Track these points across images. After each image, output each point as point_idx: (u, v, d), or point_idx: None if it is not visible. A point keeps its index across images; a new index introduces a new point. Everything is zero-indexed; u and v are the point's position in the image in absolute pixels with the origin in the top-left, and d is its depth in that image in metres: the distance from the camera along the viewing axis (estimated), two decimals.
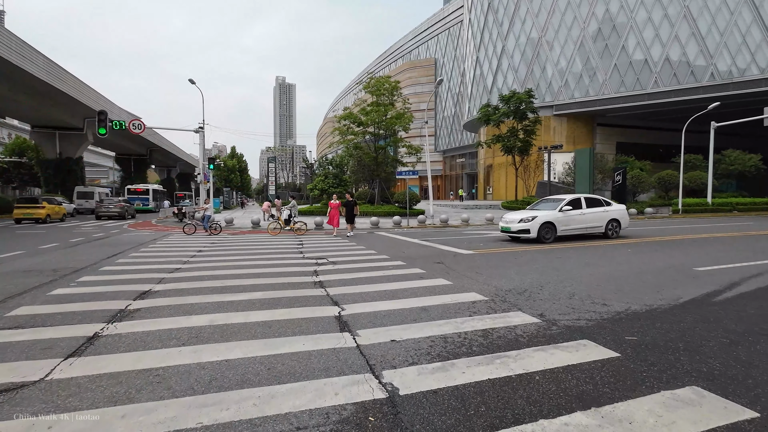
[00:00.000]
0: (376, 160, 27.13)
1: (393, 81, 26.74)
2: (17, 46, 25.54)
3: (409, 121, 26.72)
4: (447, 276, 7.15)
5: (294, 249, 11.42)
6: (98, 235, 15.46)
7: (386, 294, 5.86)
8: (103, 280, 6.79)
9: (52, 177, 39.91)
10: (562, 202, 12.42)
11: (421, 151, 27.61)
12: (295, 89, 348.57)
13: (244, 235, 15.84)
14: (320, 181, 26.95)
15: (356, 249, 11.41)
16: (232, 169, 56.90)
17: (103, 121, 21.69)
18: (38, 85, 29.12)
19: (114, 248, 11.36)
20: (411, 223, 20.33)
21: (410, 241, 13.35)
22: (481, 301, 5.44)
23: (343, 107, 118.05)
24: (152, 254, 10.24)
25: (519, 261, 8.82)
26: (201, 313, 4.88)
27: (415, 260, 9.03)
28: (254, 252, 10.80)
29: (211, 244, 12.68)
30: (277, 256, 10.03)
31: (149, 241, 13.54)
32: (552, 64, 40.69)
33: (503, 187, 45.41)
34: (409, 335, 4.10)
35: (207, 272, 7.60)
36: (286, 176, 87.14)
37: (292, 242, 13.14)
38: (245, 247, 11.99)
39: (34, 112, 34.96)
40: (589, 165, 23.17)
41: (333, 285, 6.49)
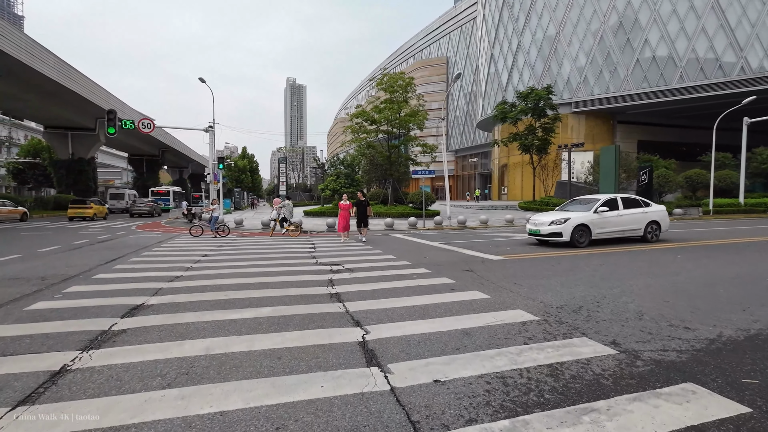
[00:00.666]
0: (390, 160, 26.23)
1: (407, 77, 25.84)
2: (27, 45, 25.33)
3: (424, 118, 25.76)
4: (482, 287, 6.23)
5: (306, 253, 10.60)
6: (103, 237, 14.88)
7: (415, 311, 4.97)
8: (92, 290, 6.02)
9: (65, 177, 39.96)
10: (596, 203, 11.37)
11: (436, 150, 26.66)
12: (305, 90, 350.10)
13: (253, 238, 15.10)
14: (332, 181, 26.17)
15: (373, 254, 10.54)
16: (243, 170, 56.61)
17: (112, 120, 21.29)
18: (49, 84, 28.95)
19: (115, 252, 10.69)
20: (427, 224, 19.39)
21: (430, 244, 12.43)
22: (533, 322, 4.50)
23: (354, 106, 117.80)
24: (153, 259, 9.51)
25: (558, 269, 7.83)
26: (197, 336, 4.04)
27: (440, 267, 8.12)
28: (263, 257, 10.00)
29: (217, 247, 11.94)
30: (287, 261, 9.21)
31: (154, 243, 12.87)
32: (570, 59, 39.31)
33: (519, 187, 44.14)
34: (455, 373, 3.20)
35: (209, 281, 6.80)
36: (296, 177, 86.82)
37: (304, 246, 12.33)
38: (253, 251, 11.21)
39: (46, 113, 34.94)
40: (614, 163, 21.92)
41: (352, 298, 5.62)
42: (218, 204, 15.01)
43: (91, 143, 40.84)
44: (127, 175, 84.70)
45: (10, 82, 27.29)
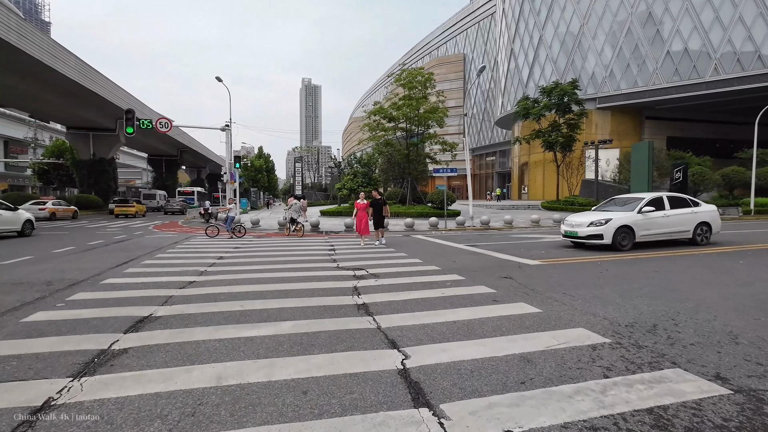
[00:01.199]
0: (408, 158, 25.50)
1: (426, 72, 25.06)
2: (48, 46, 25.57)
3: (444, 115, 24.93)
4: (528, 298, 5.48)
5: (325, 256, 10.00)
6: (119, 238, 14.63)
7: (458, 328, 4.27)
8: (98, 298, 5.52)
9: (86, 177, 40.61)
10: (640, 202, 10.42)
11: (456, 147, 25.83)
12: (320, 90, 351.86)
13: (269, 238, 14.62)
14: (349, 180, 25.61)
15: (397, 257, 9.87)
16: (259, 169, 56.71)
17: (130, 119, 21.24)
18: (70, 85, 29.26)
19: (128, 253, 10.30)
20: (449, 224, 18.61)
21: (456, 246, 11.68)
22: (604, 346, 3.75)
23: (370, 105, 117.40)
24: (166, 262, 9.05)
25: (607, 276, 7.00)
26: (207, 359, 3.43)
27: (474, 273, 7.38)
28: (281, 260, 9.44)
29: (234, 249, 11.46)
30: (307, 265, 8.61)
31: (169, 245, 12.49)
32: (595, 53, 37.79)
33: (540, 186, 42.80)
34: (530, 420, 2.49)
35: (224, 288, 6.24)
36: (312, 176, 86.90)
37: (323, 247, 11.75)
38: (271, 253, 10.68)
39: (68, 114, 35.48)
40: (648, 160, 20.65)
41: (382, 310, 4.95)
42: (235, 204, 14.57)
43: (112, 143, 41.41)
44: (147, 175, 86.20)
45: (33, 83, 27.67)
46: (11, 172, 58.03)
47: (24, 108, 37.33)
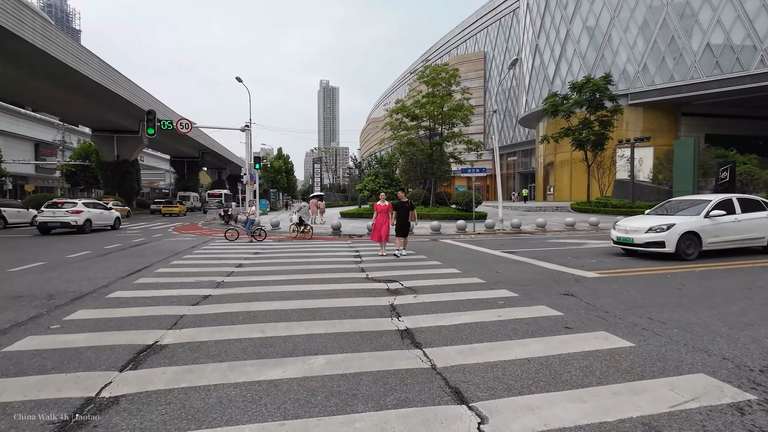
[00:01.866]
0: (431, 158, 24.50)
1: (451, 69, 24.04)
2: (73, 49, 25.73)
3: (470, 113, 23.84)
4: (606, 325, 4.47)
5: (352, 263, 9.16)
6: (137, 241, 14.19)
7: (537, 371, 3.32)
8: (99, 318, 4.80)
9: (110, 178, 41.22)
10: (707, 205, 9.18)
11: (482, 147, 24.70)
12: (338, 92, 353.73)
13: (290, 243, 13.90)
14: (370, 181, 24.80)
15: (430, 266, 8.93)
16: (278, 170, 56.67)
17: (151, 120, 21.01)
18: (94, 87, 29.54)
19: (143, 260, 9.71)
20: (477, 227, 17.52)
21: (492, 253, 10.66)
22: (752, 405, 2.74)
23: (388, 104, 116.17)
24: (181, 270, 8.38)
25: (689, 293, 5.90)
26: (218, 420, 2.59)
27: (526, 288, 6.38)
28: (304, 268, 8.64)
29: (253, 254, 10.75)
30: (333, 275, 7.78)
31: (186, 249, 11.91)
32: (627, 47, 35.89)
33: (567, 186, 41.04)
34: None
35: (242, 306, 5.44)
36: (330, 177, 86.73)
37: (348, 253, 10.92)
38: (293, 259, 9.91)
39: (93, 116, 35.97)
40: (693, 159, 19.07)
41: (431, 340, 4.04)
42: (255, 206, 13.93)
43: (135, 145, 41.92)
44: (170, 176, 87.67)
45: (58, 85, 27.99)
46: (41, 174, 59.81)
47: (51, 110, 38.09)
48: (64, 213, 16.81)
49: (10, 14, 20.07)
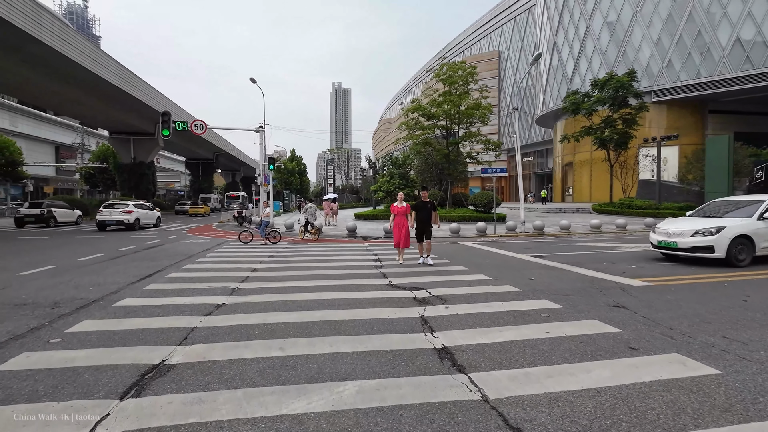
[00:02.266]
0: (448, 158, 23.87)
1: (468, 66, 23.40)
2: (91, 52, 25.92)
3: (488, 111, 23.15)
4: (675, 344, 3.85)
5: (372, 268, 8.65)
6: (151, 243, 13.96)
7: (614, 406, 2.74)
8: (103, 330, 4.39)
9: (127, 180, 41.65)
10: (760, 206, 8.39)
11: (500, 146, 23.99)
12: (350, 94, 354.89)
13: (306, 245, 13.48)
14: (385, 182, 24.29)
15: (456, 272, 8.37)
16: (291, 172, 56.65)
17: (166, 122, 20.95)
18: (111, 89, 29.76)
19: (155, 264, 9.37)
20: (497, 230, 16.84)
21: (519, 258, 10.03)
22: None
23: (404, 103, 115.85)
24: (194, 275, 7.99)
25: (759, 306, 5.21)
26: None
27: (569, 298, 5.77)
28: (323, 273, 8.18)
29: (268, 258, 10.35)
30: (354, 282, 7.30)
31: (199, 252, 11.59)
32: (650, 42, 34.64)
33: (586, 187, 39.87)
34: None
35: (259, 317, 4.98)
36: (343, 179, 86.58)
37: (366, 256, 10.43)
38: (310, 263, 9.46)
39: (110, 118, 36.35)
40: (727, 157, 18.03)
41: (476, 362, 3.49)
42: (269, 207, 13.56)
43: (151, 147, 42.28)
44: (185, 178, 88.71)
45: (75, 87, 28.26)
46: (61, 176, 61.06)
47: (70, 113, 38.67)
48: (119, 212, 19.73)
49: (29, 17, 20.22)
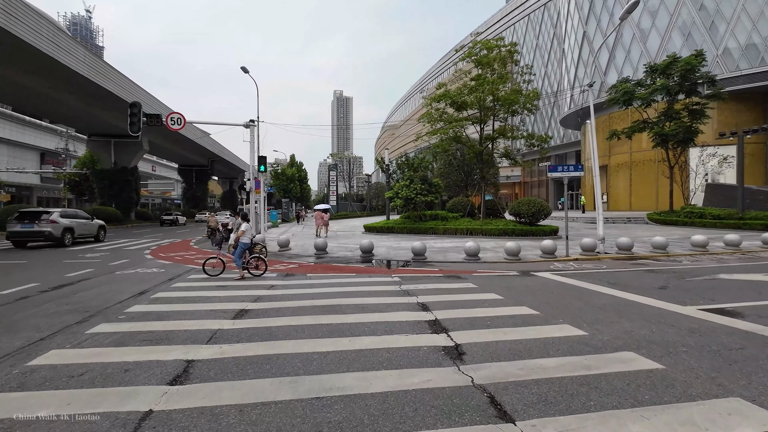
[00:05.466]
0: (481, 157, 19.38)
1: (508, 43, 19.08)
2: (50, 34, 21.71)
3: (536, 98, 18.74)
4: None
5: (430, 347, 4.06)
6: (72, 276, 9.43)
7: None
8: None
9: (107, 188, 37.34)
10: None
11: (548, 142, 19.55)
12: (352, 102, 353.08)
13: (306, 278, 8.93)
14: (403, 187, 19.79)
15: (575, 340, 3.72)
16: (291, 178, 52.26)
17: (135, 115, 16.71)
18: (82, 82, 25.64)
19: (46, 323, 4.83)
20: (570, 250, 12.23)
21: (684, 314, 5.45)
22: None
23: (404, 114, 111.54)
24: (75, 371, 3.41)
25: None
26: None
27: None
28: (338, 356, 3.59)
29: (236, 317, 5.79)
30: (409, 386, 2.67)
31: (135, 295, 7.06)
32: (701, 27, 30.32)
33: (624, 193, 35.29)
34: None
35: None
36: (346, 186, 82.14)
37: (398, 300, 5.86)
38: (311, 329, 4.90)
39: (86, 117, 32.11)
40: None
41: None
42: (247, 222, 9.00)
43: (134, 151, 38.09)
44: (180, 186, 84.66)
45: (42, 78, 24.10)
46: (47, 184, 56.87)
47: (39, 109, 34.44)
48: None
49: None
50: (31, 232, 15.51)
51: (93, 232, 18.47)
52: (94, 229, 18.55)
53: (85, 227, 17.87)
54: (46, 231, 15.45)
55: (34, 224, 15.49)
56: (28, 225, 15.52)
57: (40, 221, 15.56)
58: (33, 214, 16.04)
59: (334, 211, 50.17)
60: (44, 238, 15.57)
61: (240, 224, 9.00)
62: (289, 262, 11.59)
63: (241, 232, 8.66)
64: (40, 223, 15.52)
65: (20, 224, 15.58)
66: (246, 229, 8.72)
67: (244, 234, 8.69)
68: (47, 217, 15.75)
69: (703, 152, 24.10)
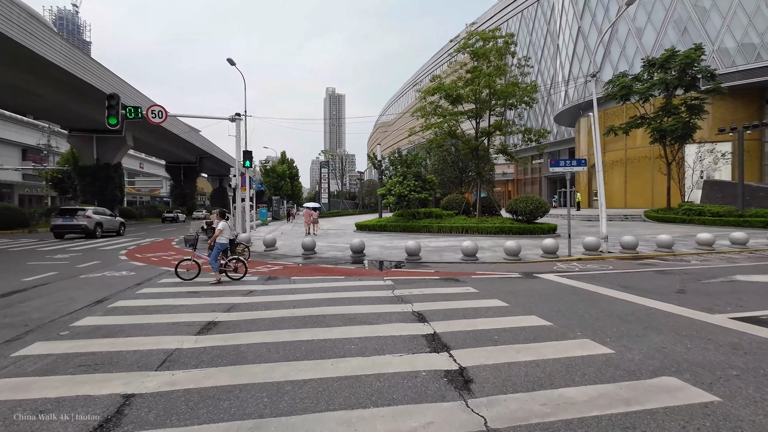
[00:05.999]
0: (477, 153, 18.68)
1: (506, 33, 18.39)
2: (22, 21, 20.49)
3: (534, 90, 18.07)
4: None
5: (417, 354, 3.30)
6: (50, 276, 8.51)
7: None
8: None
9: (90, 185, 35.96)
10: None
11: (546, 136, 18.94)
12: (344, 99, 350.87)
13: (291, 282, 8.13)
14: (396, 184, 19.02)
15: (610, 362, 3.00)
16: (282, 176, 51.14)
17: (113, 107, 15.85)
18: (60, 74, 24.43)
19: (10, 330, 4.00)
20: (572, 249, 11.57)
21: (713, 323, 4.77)
22: None
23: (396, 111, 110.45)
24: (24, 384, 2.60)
25: None
26: None
27: None
28: (326, 383, 2.80)
29: (205, 329, 4.98)
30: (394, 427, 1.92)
31: (101, 299, 6.23)
32: (696, 22, 29.97)
33: (619, 190, 34.96)
34: None
35: None
36: (338, 184, 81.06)
37: (391, 309, 5.11)
38: (291, 343, 4.11)
39: (66, 111, 30.74)
40: None
41: None
42: (229, 221, 8.16)
43: (118, 147, 36.73)
44: (168, 184, 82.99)
45: (18, 69, 22.83)
46: (30, 181, 55.02)
47: (18, 105, 32.94)
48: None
49: None
50: (70, 225, 18.26)
51: (116, 227, 20.98)
52: (116, 224, 21.10)
53: (110, 222, 20.55)
54: (82, 224, 18.24)
55: (73, 219, 18.40)
56: (68, 219, 18.41)
57: (77, 216, 18.47)
58: (72, 210, 19.03)
59: (325, 209, 49.17)
60: (81, 231, 18.25)
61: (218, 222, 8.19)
62: (273, 264, 10.77)
63: (218, 231, 7.81)
64: (78, 217, 18.42)
65: (62, 218, 18.39)
66: (223, 228, 7.88)
67: (221, 233, 7.85)
68: (83, 213, 18.77)
69: (701, 148, 23.70)
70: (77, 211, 18.91)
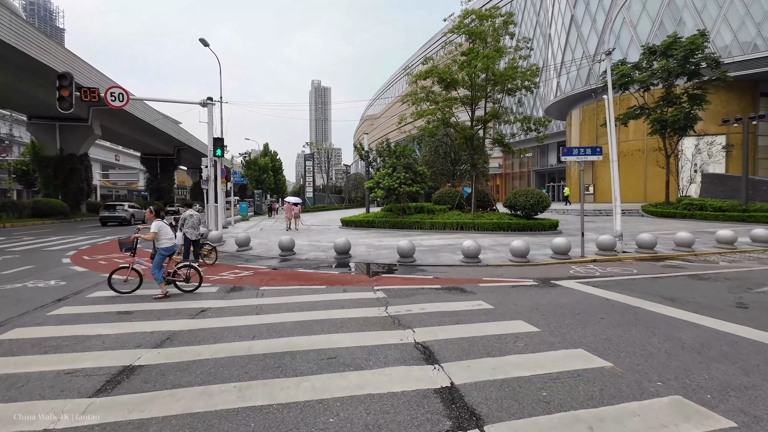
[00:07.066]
0: (472, 143, 17.26)
1: (505, 13, 16.93)
2: None
3: (535, 75, 16.70)
4: None
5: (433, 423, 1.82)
6: None
7: None
8: None
9: (52, 177, 33.17)
10: None
11: (546, 126, 17.64)
12: (330, 92, 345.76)
13: (258, 292, 6.53)
14: (385, 176, 17.46)
15: None
16: (264, 168, 48.90)
17: (66, 87, 13.76)
18: (12, 55, 21.97)
19: None
20: (585, 249, 10.25)
21: None
22: None
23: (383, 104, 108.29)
24: None
25: None
26: None
27: None
28: None
29: (119, 376, 3.37)
30: None
31: (6, 321, 4.52)
32: (692, 11, 29.13)
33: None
34: None
35: None
36: (324, 178, 78.90)
37: (386, 339, 3.61)
38: (232, 400, 2.55)
39: (16, 95, 27.99)
40: None
41: None
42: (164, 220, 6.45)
43: (84, 136, 33.99)
44: (144, 177, 79.35)
45: None
46: None
47: None
48: None
49: None
50: (113, 216, 24.10)
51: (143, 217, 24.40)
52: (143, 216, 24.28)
53: (141, 214, 25.11)
54: (122, 215, 24.05)
55: (115, 211, 24.36)
56: (112, 211, 24.43)
57: (117, 209, 24.45)
58: (113, 206, 24.98)
59: (310, 204, 47.18)
60: (120, 220, 23.86)
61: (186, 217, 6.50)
62: (243, 268, 9.14)
63: (151, 234, 6.05)
64: (118, 210, 24.42)
65: (107, 211, 24.53)
66: (157, 230, 6.09)
67: (156, 237, 6.10)
68: (121, 207, 24.72)
69: (700, 141, 22.84)
70: (116, 206, 24.80)
